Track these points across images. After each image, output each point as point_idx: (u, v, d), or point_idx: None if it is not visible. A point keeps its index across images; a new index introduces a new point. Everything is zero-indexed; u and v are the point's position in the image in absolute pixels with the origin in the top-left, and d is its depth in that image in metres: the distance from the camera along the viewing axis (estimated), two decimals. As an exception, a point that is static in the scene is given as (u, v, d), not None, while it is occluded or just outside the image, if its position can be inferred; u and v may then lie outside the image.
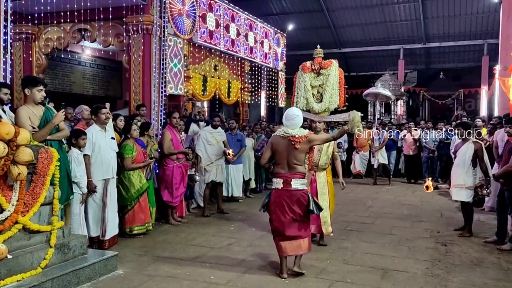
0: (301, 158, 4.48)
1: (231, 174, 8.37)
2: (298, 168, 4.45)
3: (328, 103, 5.93)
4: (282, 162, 4.47)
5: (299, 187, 4.45)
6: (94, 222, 5.37)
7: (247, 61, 12.49)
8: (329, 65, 6.01)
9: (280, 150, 4.48)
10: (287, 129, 4.52)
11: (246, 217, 7.29)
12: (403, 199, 9.18)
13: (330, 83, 5.94)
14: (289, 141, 4.46)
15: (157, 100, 8.21)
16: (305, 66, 6.19)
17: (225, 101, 11.90)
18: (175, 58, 8.77)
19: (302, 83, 6.12)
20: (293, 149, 4.44)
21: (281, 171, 4.47)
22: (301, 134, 4.49)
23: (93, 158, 5.30)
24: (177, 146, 6.68)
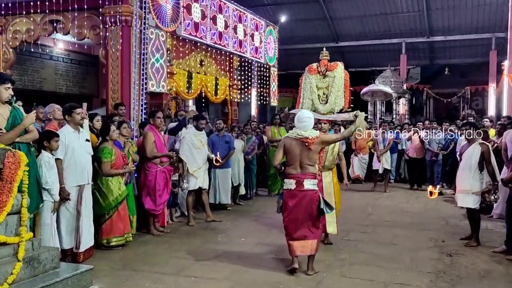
0: (313, 159, 4.97)
1: (219, 179, 8.36)
2: (310, 169, 4.94)
3: (333, 104, 6.59)
4: (295, 163, 4.95)
5: (311, 187, 4.92)
6: (67, 233, 5.31)
7: (236, 55, 12.50)
8: (335, 68, 6.70)
9: (293, 151, 4.96)
10: (299, 131, 5.00)
11: (235, 226, 7.28)
12: (405, 206, 9.24)
13: (336, 85, 6.61)
14: (302, 142, 4.95)
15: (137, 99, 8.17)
16: (311, 68, 6.88)
17: (212, 99, 11.89)
18: (157, 52, 8.74)
19: (308, 85, 6.81)
20: (306, 150, 4.93)
21: (293, 172, 4.95)
22: (314, 135, 4.99)
23: (66, 162, 5.23)
24: (160, 148, 6.66)
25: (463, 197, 6.25)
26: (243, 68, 13.33)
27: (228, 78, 12.54)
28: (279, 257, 5.58)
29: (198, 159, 7.30)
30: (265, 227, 7.16)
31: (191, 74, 10.70)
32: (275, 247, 6.00)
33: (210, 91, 11.58)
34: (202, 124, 7.46)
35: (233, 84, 12.69)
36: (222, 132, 8.44)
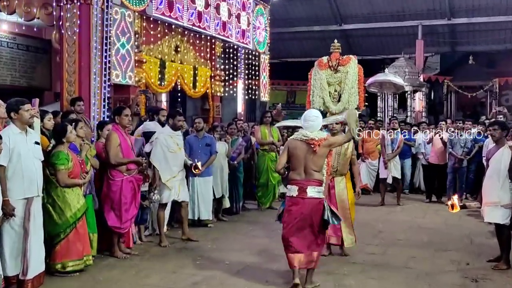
0: (319, 164, 5.33)
1: (198, 190, 8.35)
2: (315, 175, 5.30)
3: (346, 103, 7.00)
4: (299, 168, 5.33)
5: (315, 195, 5.28)
6: (12, 256, 5.25)
7: (218, 40, 12.51)
8: (347, 62, 7.11)
9: (297, 155, 5.33)
10: (305, 131, 5.36)
11: (218, 247, 7.27)
12: (422, 221, 9.29)
13: (349, 82, 7.04)
14: (307, 144, 5.31)
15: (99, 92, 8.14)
16: (321, 62, 7.30)
17: (190, 93, 11.89)
18: (123, 36, 8.72)
19: (318, 81, 7.24)
20: (312, 153, 5.29)
21: (297, 178, 5.32)
22: (321, 136, 5.34)
23: (10, 170, 5.16)
24: (127, 153, 6.62)
25: (490, 211, 6.31)
26: (227, 55, 13.34)
27: (209, 67, 12.54)
28: (270, 285, 5.57)
29: (173, 165, 7.28)
30: (254, 248, 7.16)
31: (164, 62, 10.68)
32: (265, 272, 6.00)
33: (187, 83, 11.57)
34: (179, 122, 7.42)
35: (215, 75, 12.69)
36: (202, 133, 8.43)
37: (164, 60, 10.71)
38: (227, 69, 13.32)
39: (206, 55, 12.46)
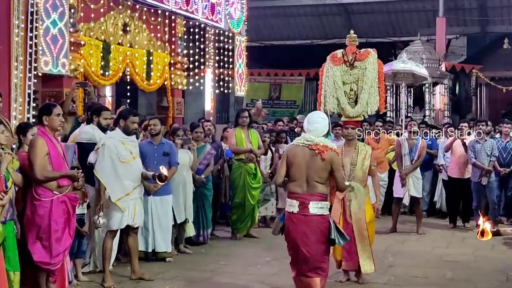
0: (324, 175, 5.71)
1: (153, 212, 8.29)
2: (319, 188, 5.70)
3: (365, 105, 7.54)
4: (300, 179, 5.73)
5: (318, 211, 5.67)
6: None
7: (180, 17, 12.49)
8: (366, 56, 7.56)
9: (298, 163, 5.73)
10: (308, 136, 5.77)
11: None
12: (445, 252, 9.34)
13: (369, 80, 7.53)
14: (310, 151, 5.70)
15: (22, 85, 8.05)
16: (335, 56, 7.76)
17: (143, 86, 11.83)
18: (54, 11, 8.65)
19: (331, 79, 7.68)
20: (316, 161, 5.68)
21: (298, 190, 5.73)
22: (326, 143, 5.76)
23: None
24: (58, 165, 6.53)
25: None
26: (191, 37, 13.32)
27: (168, 52, 12.50)
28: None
29: (126, 179, 7.25)
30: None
31: (109, 46, 10.62)
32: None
33: (139, 72, 11.52)
34: (134, 124, 7.41)
35: (176, 63, 12.66)
36: (159, 139, 8.38)
37: (109, 43, 10.65)
38: (191, 55, 13.30)
39: (164, 36, 12.42)
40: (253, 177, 10.02)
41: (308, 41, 22.58)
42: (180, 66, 12.77)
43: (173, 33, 12.52)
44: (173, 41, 12.58)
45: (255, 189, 10.09)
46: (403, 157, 10.90)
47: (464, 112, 20.65)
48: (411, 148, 10.91)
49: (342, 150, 7.42)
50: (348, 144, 7.48)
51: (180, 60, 12.73)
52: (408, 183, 10.81)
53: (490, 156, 11.01)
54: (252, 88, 21.27)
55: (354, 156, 7.30)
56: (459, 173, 11.44)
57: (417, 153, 10.91)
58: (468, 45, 22.35)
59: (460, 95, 21.64)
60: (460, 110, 20.92)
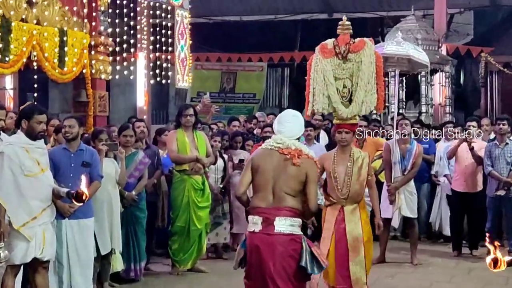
0: (295, 186, 5.86)
1: (69, 241, 8.22)
2: (288, 201, 5.83)
3: (361, 104, 7.88)
4: (265, 190, 5.87)
5: (286, 229, 5.75)
6: None
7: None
8: (361, 48, 7.89)
9: (265, 170, 5.90)
10: (279, 137, 5.98)
11: None
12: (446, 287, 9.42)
13: (365, 75, 7.86)
14: (281, 155, 5.89)
15: None
16: (324, 47, 8.02)
17: (54, 75, 11.73)
18: None
19: (321, 74, 7.96)
20: (287, 168, 5.86)
21: (262, 204, 5.85)
22: (301, 148, 5.94)
23: None
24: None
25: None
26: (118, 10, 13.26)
27: (87, 31, 12.42)
28: None
29: (32, 198, 7.18)
30: None
31: (9, 23, 10.53)
32: None
33: (49, 57, 11.43)
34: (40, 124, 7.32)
35: (98, 44, 12.59)
36: (76, 144, 8.30)
37: (9, 19, 10.55)
38: (118, 34, 13.23)
39: (82, 10, 12.36)
40: (200, 193, 10.01)
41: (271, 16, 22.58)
42: (103, 49, 12.70)
43: (94, 6, 12.46)
44: (93, 16, 12.51)
45: (202, 209, 10.07)
46: (393, 166, 10.87)
47: (471, 107, 20.87)
48: (403, 154, 10.89)
49: (335, 157, 7.83)
50: (342, 151, 7.84)
51: (103, 42, 12.65)
52: (399, 199, 10.78)
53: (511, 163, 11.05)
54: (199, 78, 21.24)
55: (349, 165, 7.71)
56: (465, 186, 11.45)
57: (411, 161, 10.86)
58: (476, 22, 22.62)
59: (465, 86, 21.89)
60: (466, 105, 21.15)
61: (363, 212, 7.80)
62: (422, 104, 18.01)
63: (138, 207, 9.57)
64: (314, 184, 5.95)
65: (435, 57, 17.84)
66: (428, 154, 12.14)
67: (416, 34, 17.66)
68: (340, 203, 7.69)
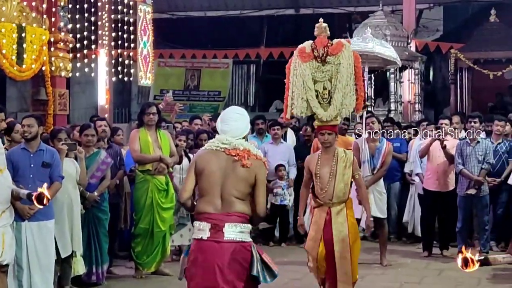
0: (244, 189, 5.65)
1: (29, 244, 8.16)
2: (237, 205, 5.62)
3: (340, 106, 8.11)
4: (212, 193, 5.64)
5: (237, 237, 5.55)
6: None
7: (63, -21, 12.35)
8: (339, 50, 8.14)
9: (211, 173, 5.66)
10: (225, 137, 5.76)
11: None
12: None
13: (343, 77, 8.10)
14: (228, 157, 5.67)
15: None
16: (303, 51, 8.24)
17: (12, 72, 11.67)
18: None
19: (299, 78, 8.20)
20: (236, 170, 5.64)
21: (209, 209, 5.61)
22: (249, 148, 5.72)
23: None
24: None
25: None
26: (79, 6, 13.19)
27: (46, 27, 12.34)
28: None
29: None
30: None
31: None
32: None
33: (6, 54, 11.36)
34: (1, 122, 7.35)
35: (58, 41, 12.52)
36: (36, 144, 8.26)
37: (-36, 14, 10.45)
38: (78, 30, 13.16)
39: (41, 5, 12.28)
40: (163, 194, 9.99)
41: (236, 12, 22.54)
42: (63, 45, 12.63)
43: (53, 1, 12.37)
44: (53, 12, 12.43)
45: (166, 211, 10.05)
46: (362, 165, 10.75)
47: (441, 104, 20.98)
48: (372, 153, 10.97)
49: (319, 159, 8.03)
50: (325, 152, 8.03)
51: (63, 38, 12.58)
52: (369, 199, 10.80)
53: (482, 162, 11.13)
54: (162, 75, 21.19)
55: (333, 165, 7.91)
56: (437, 185, 11.52)
57: (380, 159, 10.97)
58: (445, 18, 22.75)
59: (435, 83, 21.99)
60: (436, 102, 21.25)
61: (350, 213, 7.99)
62: (391, 102, 18.03)
63: (100, 208, 9.55)
64: (263, 186, 5.75)
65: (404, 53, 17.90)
66: (400, 152, 12.19)
67: (385, 30, 17.69)
68: (327, 205, 7.87)
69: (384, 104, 18.31)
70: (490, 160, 11.19)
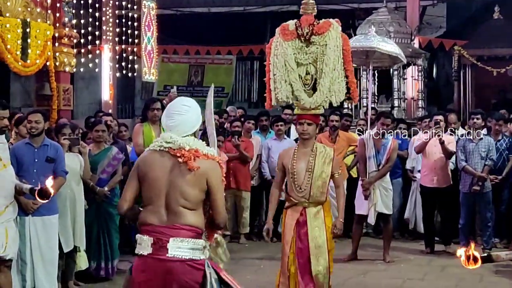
0: (194, 197, 4.95)
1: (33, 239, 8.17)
2: (187, 217, 4.91)
3: (326, 92, 7.46)
4: (157, 203, 4.95)
5: (184, 254, 4.87)
6: None
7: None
8: (326, 29, 7.48)
9: (155, 179, 4.97)
10: (169, 135, 5.05)
11: None
12: (420, 285, 9.52)
13: (330, 60, 7.43)
14: (173, 158, 4.97)
15: None
16: (285, 29, 7.68)
17: (17, 67, 11.67)
18: None
19: (281, 58, 7.57)
20: (182, 174, 4.93)
21: (152, 221, 4.92)
22: (197, 146, 5.03)
23: None
24: None
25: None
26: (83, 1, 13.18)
27: (50, 22, 12.33)
28: None
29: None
30: None
31: (-31, 13, 10.43)
32: None
33: (11, 49, 11.35)
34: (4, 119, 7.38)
35: (62, 36, 12.51)
36: (41, 139, 8.29)
37: (-31, 9, 10.46)
38: (83, 26, 13.16)
39: (45, 1, 12.27)
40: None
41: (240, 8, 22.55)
42: (67, 41, 12.63)
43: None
44: (57, 7, 12.42)
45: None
46: (368, 161, 10.93)
47: (444, 101, 20.93)
48: (378, 149, 10.95)
49: (295, 153, 7.48)
50: (303, 144, 7.52)
51: (67, 33, 12.58)
52: (375, 195, 10.82)
53: (486, 159, 11.16)
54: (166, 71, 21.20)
55: (310, 160, 7.34)
56: (435, 182, 11.50)
57: (385, 155, 10.94)
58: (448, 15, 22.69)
59: (438, 80, 21.93)
60: (439, 99, 21.21)
61: (327, 216, 7.45)
62: (394, 98, 18.06)
63: (111, 204, 9.50)
64: (220, 192, 5.02)
65: (408, 50, 17.90)
66: (401, 149, 12.18)
67: (388, 27, 17.70)
68: (302, 204, 7.36)
69: (387, 101, 18.31)
70: (493, 157, 11.21)
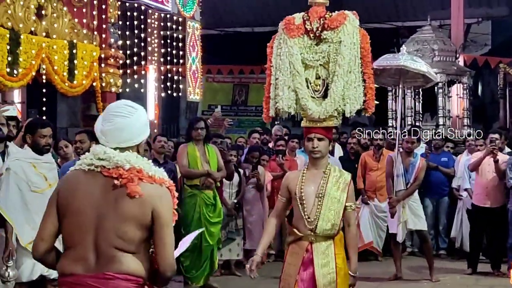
0: (134, 233, 3.78)
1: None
2: (123, 263, 3.75)
3: (339, 100, 6.01)
4: (82, 243, 3.80)
5: None
6: None
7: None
8: (340, 23, 6.11)
9: (80, 210, 3.80)
10: (102, 149, 3.88)
11: None
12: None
13: (345, 60, 6.03)
14: (106, 180, 3.81)
15: None
16: (290, 23, 6.29)
17: (63, 88, 11.75)
18: None
19: (285, 59, 6.25)
20: (118, 202, 3.77)
21: (75, 269, 3.78)
22: (141, 165, 3.87)
23: None
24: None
25: None
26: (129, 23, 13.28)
27: (97, 43, 12.44)
28: None
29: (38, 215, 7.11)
30: None
31: (18, 35, 10.57)
32: None
33: (58, 71, 11.45)
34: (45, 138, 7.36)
35: (108, 57, 12.61)
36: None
37: (18, 31, 10.59)
38: (128, 47, 13.26)
39: (92, 22, 12.38)
40: (211, 208, 10.01)
41: (284, 27, 22.58)
42: (113, 61, 12.72)
43: (104, 18, 12.48)
44: (103, 28, 12.53)
45: (214, 225, 10.06)
46: (396, 179, 10.87)
47: (489, 119, 20.77)
48: (406, 167, 10.89)
49: (303, 175, 6.06)
50: (313, 164, 6.08)
51: (113, 54, 12.67)
52: (404, 213, 10.71)
53: None
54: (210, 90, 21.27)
55: (322, 183, 5.92)
56: (486, 201, 11.37)
57: (413, 174, 10.88)
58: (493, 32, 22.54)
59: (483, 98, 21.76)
60: (484, 117, 21.04)
61: (339, 253, 5.88)
62: (439, 117, 17.93)
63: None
64: (169, 227, 3.81)
65: (452, 68, 17.79)
66: (448, 167, 12.09)
67: (433, 45, 17.56)
68: (307, 238, 5.81)
69: (432, 119, 18.17)
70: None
